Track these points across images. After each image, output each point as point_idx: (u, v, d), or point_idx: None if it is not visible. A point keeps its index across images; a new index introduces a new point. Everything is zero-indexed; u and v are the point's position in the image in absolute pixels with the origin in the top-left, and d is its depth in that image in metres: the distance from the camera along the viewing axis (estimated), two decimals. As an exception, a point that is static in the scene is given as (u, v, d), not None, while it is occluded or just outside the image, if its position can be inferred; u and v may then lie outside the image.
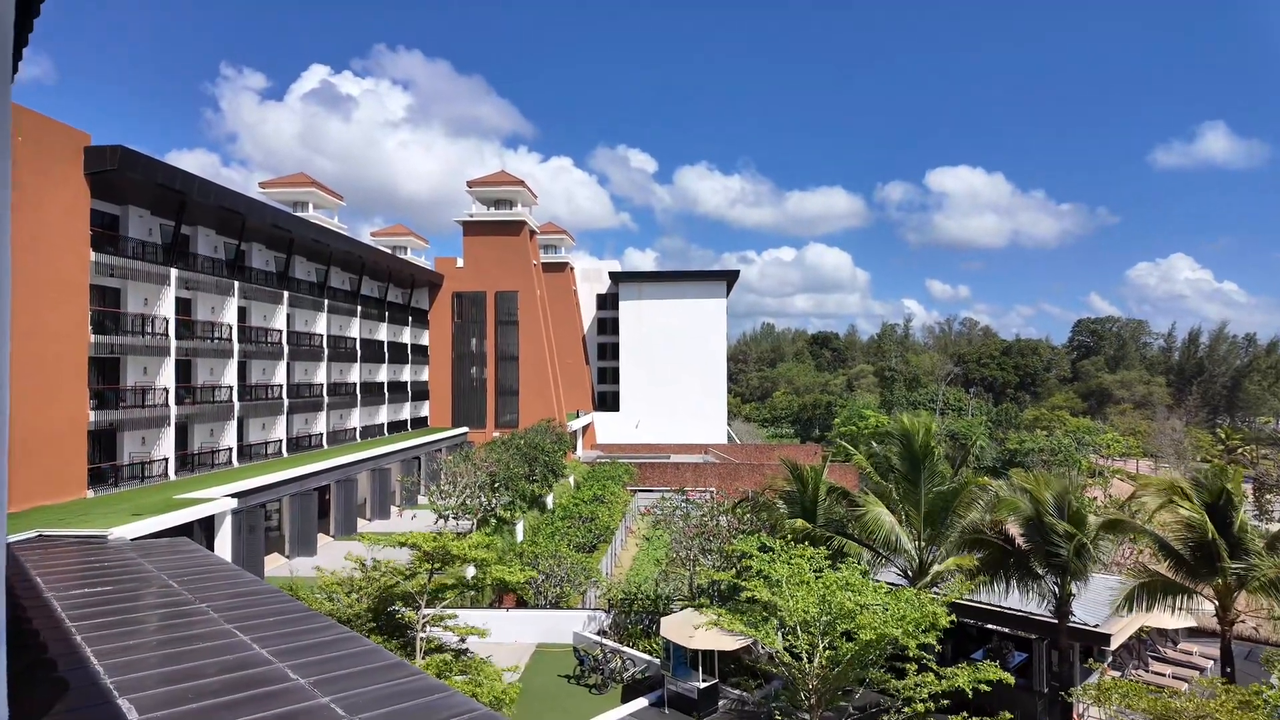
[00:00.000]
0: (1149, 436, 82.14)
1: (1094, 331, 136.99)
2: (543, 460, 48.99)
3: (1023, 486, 23.03)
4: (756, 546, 20.79)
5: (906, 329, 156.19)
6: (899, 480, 24.12)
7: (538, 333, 70.04)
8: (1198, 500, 21.90)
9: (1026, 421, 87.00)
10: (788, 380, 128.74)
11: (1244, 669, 26.06)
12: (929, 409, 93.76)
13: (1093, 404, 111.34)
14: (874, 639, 15.65)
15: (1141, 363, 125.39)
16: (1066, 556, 21.17)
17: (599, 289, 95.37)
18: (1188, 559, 21.37)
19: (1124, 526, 22.69)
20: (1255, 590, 20.23)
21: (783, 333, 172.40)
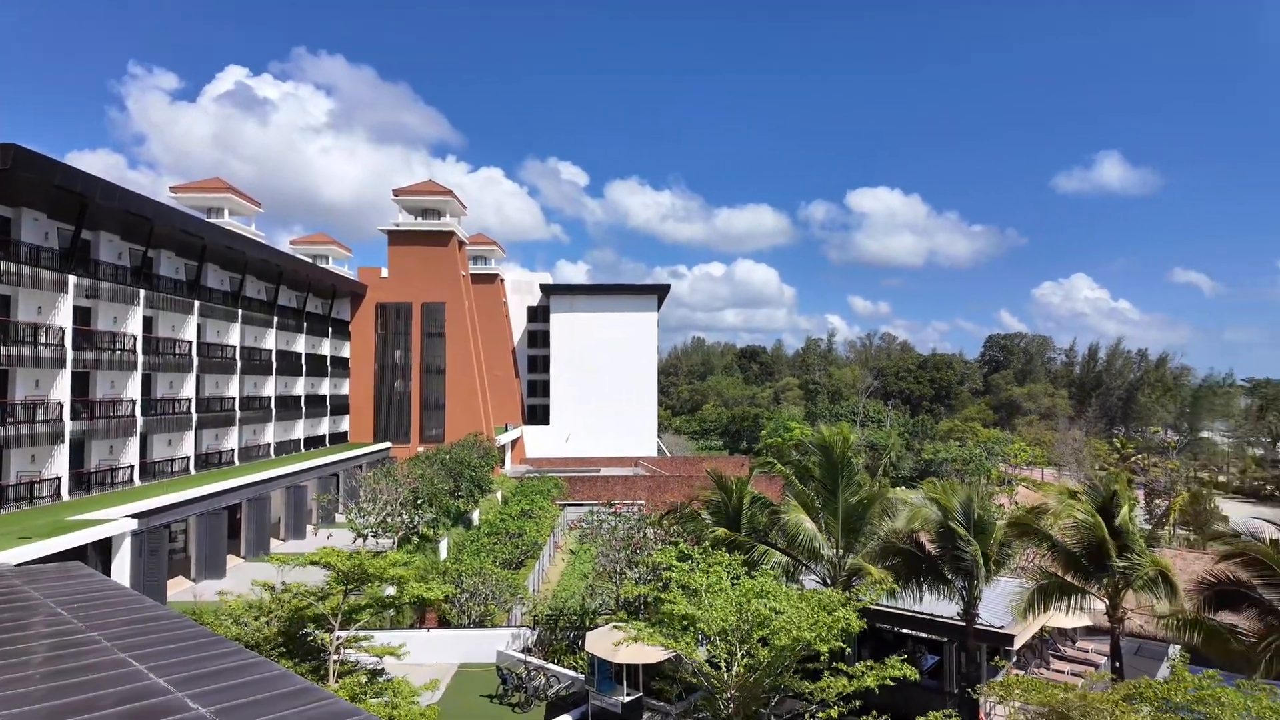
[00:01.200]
0: (1053, 446, 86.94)
1: (1004, 347, 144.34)
2: (469, 475, 48.15)
3: (931, 495, 24.03)
4: (676, 557, 21.00)
5: (830, 344, 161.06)
6: (819, 489, 24.83)
7: (466, 345, 68.98)
8: (1091, 505, 23.33)
9: (941, 432, 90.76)
10: (717, 393, 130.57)
11: (1133, 664, 27.81)
12: (850, 420, 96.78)
13: (1002, 415, 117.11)
14: (788, 644, 16.03)
15: (1046, 376, 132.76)
16: (973, 561, 22.19)
17: (530, 301, 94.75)
18: (1082, 561, 22.69)
19: (1026, 532, 23.96)
20: (1140, 588, 21.65)
21: (713, 346, 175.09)
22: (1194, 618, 20.38)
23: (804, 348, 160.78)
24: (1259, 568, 20.26)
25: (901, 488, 55.33)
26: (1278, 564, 19.53)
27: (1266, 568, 20.00)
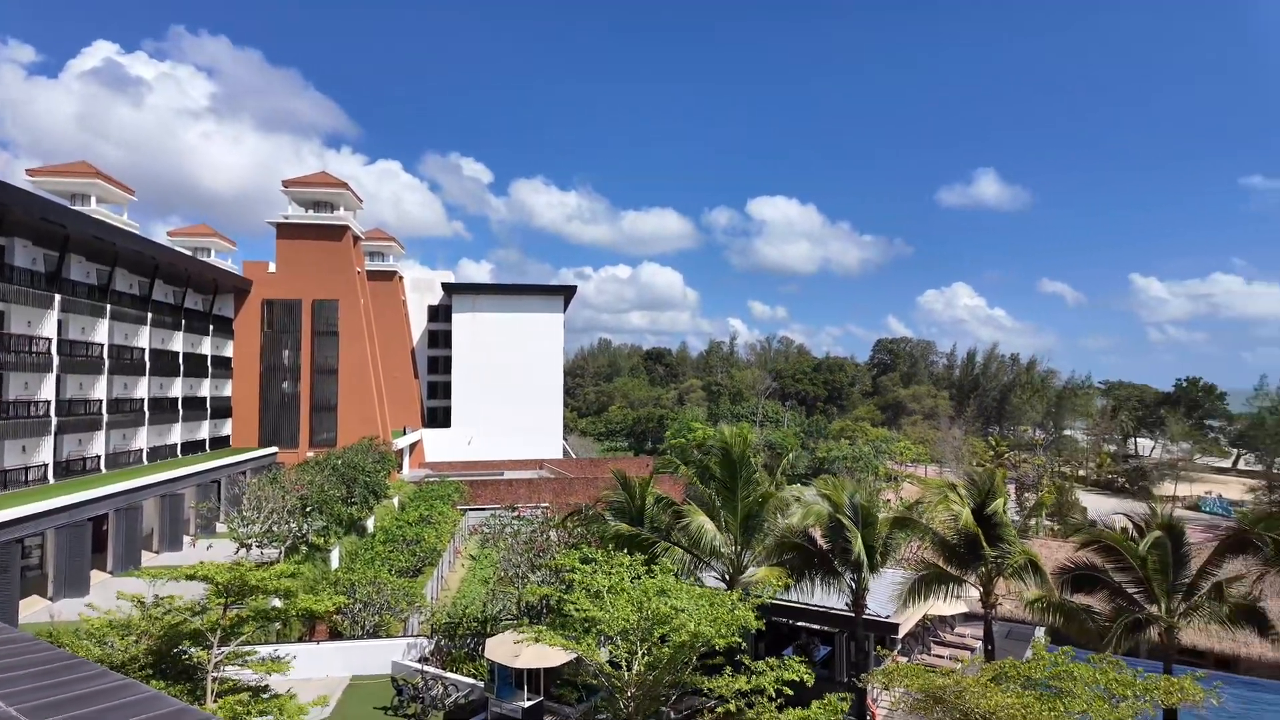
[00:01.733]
0: (935, 444, 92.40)
1: (891, 350, 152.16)
2: (363, 481, 46.30)
3: (823, 492, 25.05)
4: (579, 559, 20.97)
5: (732, 346, 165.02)
6: (719, 488, 25.37)
7: (361, 344, 66.31)
8: (968, 499, 24.97)
9: (834, 432, 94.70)
10: (623, 394, 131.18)
11: (1004, 646, 29.89)
12: (750, 421, 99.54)
13: (890, 415, 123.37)
14: (688, 641, 16.31)
15: (930, 379, 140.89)
16: (859, 553, 23.28)
17: (430, 300, 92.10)
18: (959, 551, 24.27)
19: (909, 525, 25.37)
20: (1010, 575, 23.35)
21: (619, 348, 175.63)
22: (1055, 601, 22.18)
23: (707, 350, 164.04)
24: (1111, 554, 22.30)
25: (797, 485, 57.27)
26: (1127, 550, 21.55)
27: (1117, 554, 22.03)
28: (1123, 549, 21.38)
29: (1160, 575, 20.90)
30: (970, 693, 13.34)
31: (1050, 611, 22.22)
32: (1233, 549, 21.11)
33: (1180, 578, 20.99)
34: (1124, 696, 13.75)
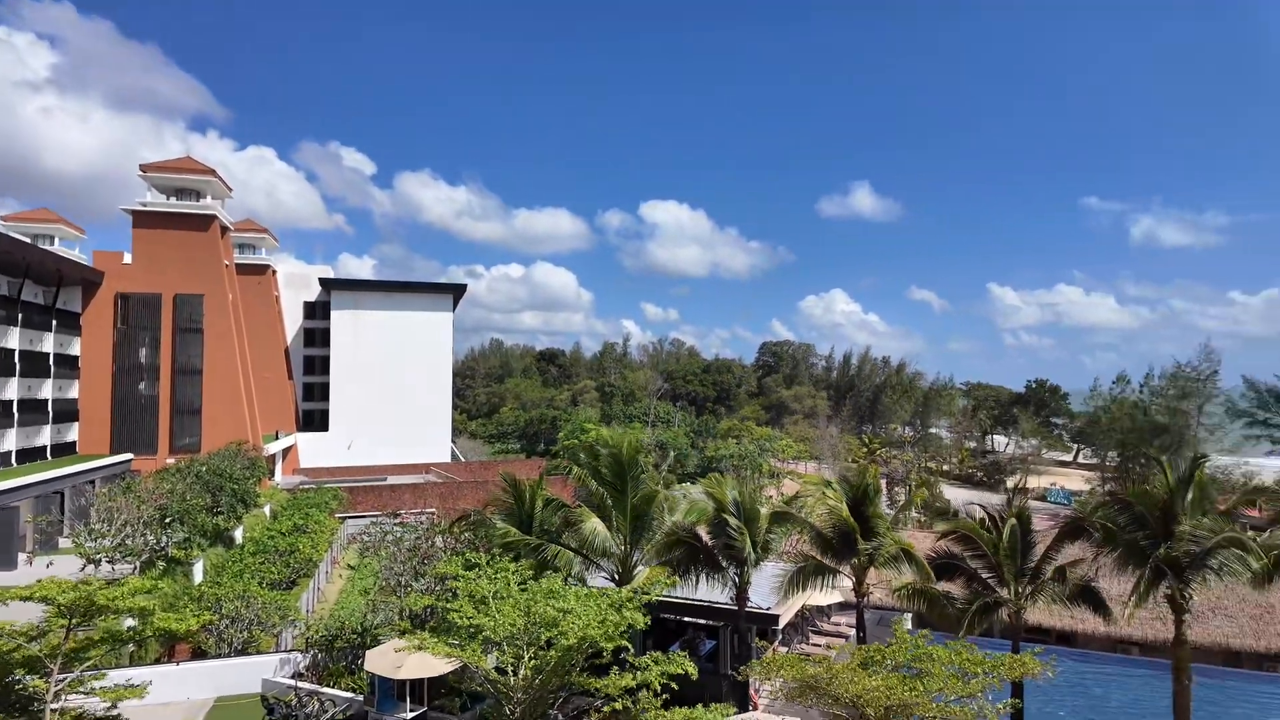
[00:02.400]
0: (814, 442, 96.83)
1: (775, 353, 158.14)
2: (230, 489, 43.36)
3: (709, 490, 25.76)
4: (462, 565, 20.57)
5: (625, 347, 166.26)
6: (609, 489, 25.55)
7: (229, 343, 62.04)
8: (843, 493, 26.35)
9: (722, 431, 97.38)
10: (515, 396, 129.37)
11: (875, 632, 31.72)
12: (642, 421, 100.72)
13: (774, 415, 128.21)
14: (576, 643, 16.35)
15: (810, 380, 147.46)
16: (741, 547, 24.09)
17: (307, 296, 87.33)
18: (834, 543, 25.57)
19: (789, 519, 26.48)
20: (881, 565, 24.83)
21: (511, 348, 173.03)
22: (920, 587, 23.79)
23: (601, 351, 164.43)
24: (968, 542, 24.17)
25: (687, 484, 58.62)
26: (981, 539, 23.42)
27: (974, 542, 23.90)
28: (978, 538, 23.22)
29: (1010, 561, 22.85)
30: (840, 679, 14.16)
31: (915, 598, 23.81)
32: (1071, 535, 23.38)
33: (1027, 562, 23.03)
34: (975, 674, 15.01)
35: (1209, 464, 37.62)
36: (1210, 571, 20.63)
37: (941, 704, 14.19)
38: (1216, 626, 33.73)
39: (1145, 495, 21.60)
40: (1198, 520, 20.94)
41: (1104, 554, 22.72)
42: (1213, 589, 31.40)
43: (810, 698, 15.56)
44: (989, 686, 15.16)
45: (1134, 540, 21.08)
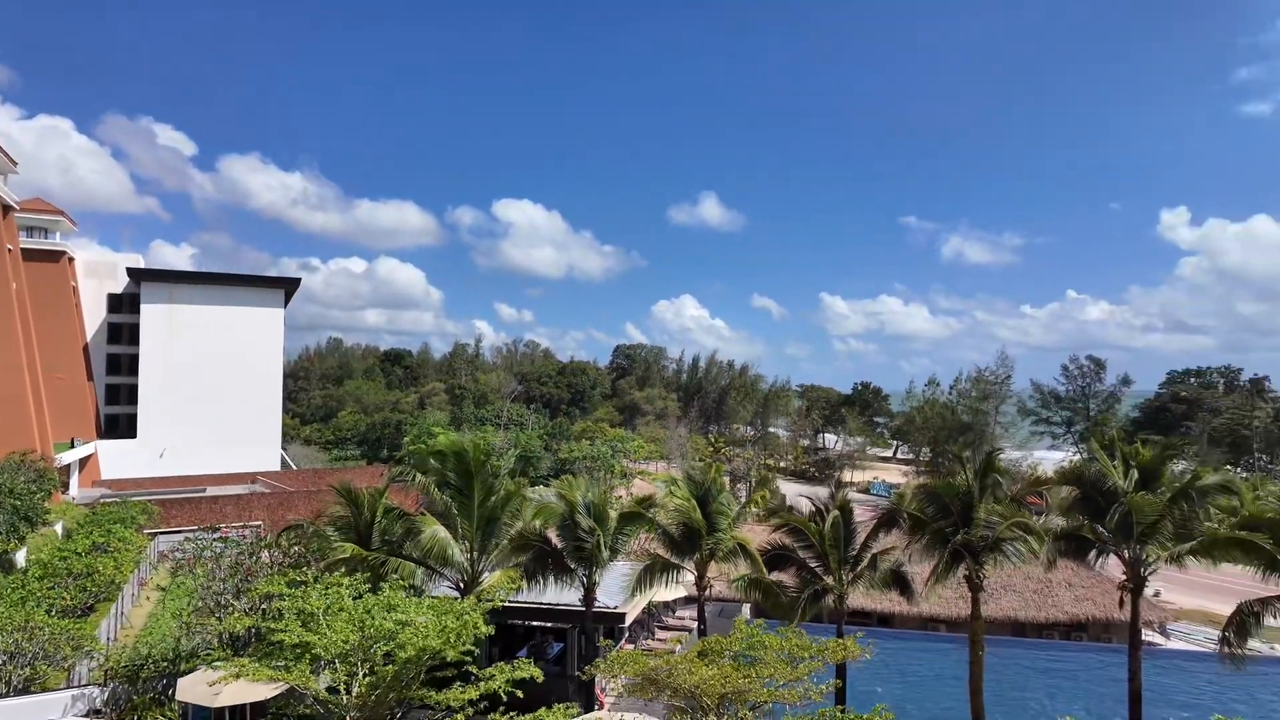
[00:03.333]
0: (665, 442, 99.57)
1: (628, 355, 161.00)
2: (10, 505, 37.86)
3: (560, 491, 25.80)
4: (288, 582, 19.27)
5: (477, 348, 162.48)
6: (455, 495, 24.87)
7: (11, 338, 54.10)
8: (690, 491, 27.28)
9: (576, 433, 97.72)
10: (356, 398, 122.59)
11: (716, 624, 33.12)
12: (494, 424, 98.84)
13: (627, 416, 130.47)
14: (414, 655, 15.78)
15: (661, 382, 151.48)
16: (591, 549, 24.34)
17: (112, 287, 78.03)
18: (680, 539, 26.43)
19: (638, 518, 27.06)
20: (721, 559, 25.96)
21: (352, 348, 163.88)
22: (755, 578, 25.10)
23: (451, 352, 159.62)
24: (799, 534, 25.79)
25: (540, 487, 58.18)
26: (810, 530, 25.08)
27: (803, 534, 25.54)
28: (806, 530, 24.87)
29: (834, 550, 24.65)
30: (679, 671, 14.69)
31: (752, 589, 25.10)
32: (887, 524, 25.58)
33: (849, 551, 24.95)
34: (803, 658, 16.12)
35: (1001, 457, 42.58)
36: (1001, 554, 23.34)
37: (772, 688, 15.10)
38: (1007, 602, 38.27)
39: (948, 486, 24.09)
40: (991, 508, 23.64)
41: (915, 541, 25.06)
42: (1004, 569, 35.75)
43: (652, 691, 16.00)
44: (815, 670, 16.31)
45: (939, 528, 23.47)
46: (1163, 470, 23.38)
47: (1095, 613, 36.94)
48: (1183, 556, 22.97)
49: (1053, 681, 32.33)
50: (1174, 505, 22.42)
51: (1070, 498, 24.60)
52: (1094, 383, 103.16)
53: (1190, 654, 35.94)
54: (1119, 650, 28.39)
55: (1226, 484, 24.13)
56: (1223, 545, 22.15)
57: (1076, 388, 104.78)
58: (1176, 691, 30.54)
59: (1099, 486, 23.31)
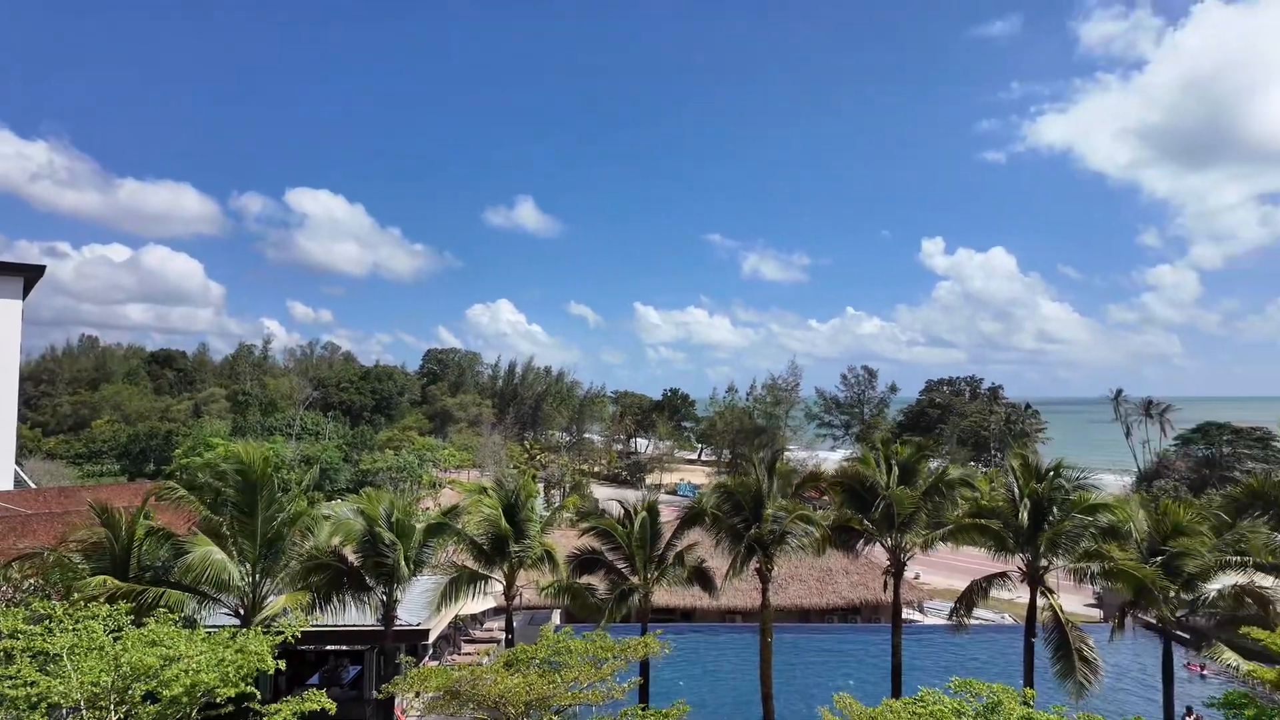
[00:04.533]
0: (477, 450, 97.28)
1: (440, 360, 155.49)
2: None
3: (358, 505, 24.36)
4: (24, 619, 16.46)
5: (266, 350, 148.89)
6: (235, 513, 22.61)
7: None
8: (499, 499, 26.88)
9: (381, 442, 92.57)
10: (116, 406, 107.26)
11: (527, 633, 32.89)
12: (285, 434, 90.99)
13: (438, 423, 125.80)
14: (182, 695, 14.10)
15: (475, 388, 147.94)
16: (394, 564, 23.21)
17: None
18: (488, 549, 25.95)
19: (445, 530, 26.20)
20: (529, 566, 25.86)
21: (111, 348, 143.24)
22: (565, 584, 25.30)
23: (235, 354, 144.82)
24: (607, 537, 26.37)
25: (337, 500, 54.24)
26: (617, 532, 25.74)
27: (612, 536, 26.15)
28: (614, 532, 25.51)
29: (641, 550, 25.50)
30: (482, 682, 14.44)
31: (561, 594, 25.26)
32: (689, 522, 26.87)
33: (654, 550, 25.92)
34: (606, 659, 16.50)
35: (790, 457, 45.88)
36: (788, 545, 25.42)
37: (576, 691, 15.31)
38: (794, 591, 41.72)
39: (742, 485, 25.85)
40: (779, 503, 25.70)
41: (715, 537, 26.59)
42: (793, 560, 38.97)
43: (455, 705, 15.57)
44: (619, 669, 16.76)
45: (734, 524, 25.11)
46: (918, 467, 26.75)
47: (868, 596, 41.32)
48: (934, 542, 26.46)
49: (833, 661, 35.73)
50: (927, 497, 25.73)
51: (843, 493, 27.41)
52: (867, 390, 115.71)
53: (944, 628, 41.39)
54: (886, 629, 32.03)
55: (967, 478, 28.18)
56: (965, 530, 25.81)
57: (853, 394, 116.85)
58: (933, 661, 34.98)
59: (865, 483, 26.20)
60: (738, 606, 39.52)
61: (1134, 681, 32.69)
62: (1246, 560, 25.25)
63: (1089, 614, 45.09)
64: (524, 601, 37.73)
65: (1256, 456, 73.90)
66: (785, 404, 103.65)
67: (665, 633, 20.68)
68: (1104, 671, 24.15)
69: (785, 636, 37.37)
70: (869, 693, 25.14)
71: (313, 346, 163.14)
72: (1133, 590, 22.94)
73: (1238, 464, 73.67)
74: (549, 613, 36.56)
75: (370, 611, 24.34)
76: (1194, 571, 23.70)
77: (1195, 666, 32.75)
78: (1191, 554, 23.38)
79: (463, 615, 33.67)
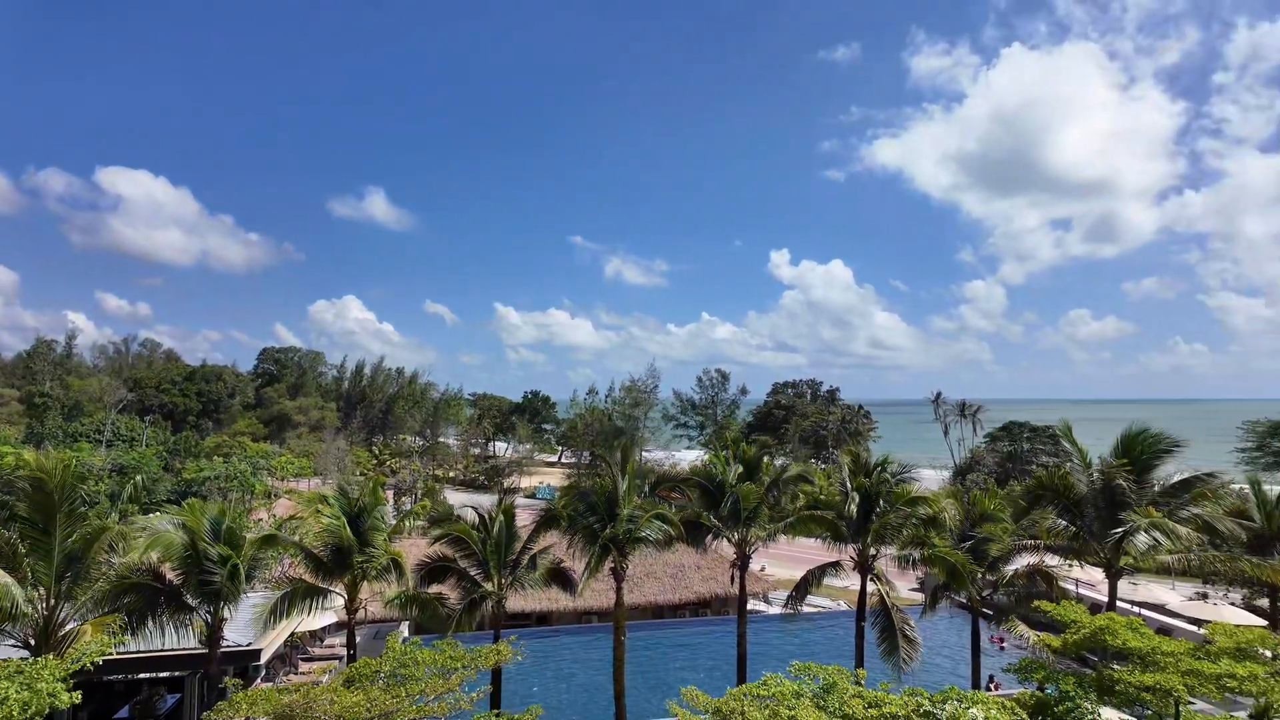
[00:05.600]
0: (320, 456, 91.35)
1: (278, 360, 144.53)
2: None
3: (179, 518, 22.18)
4: None
5: (70, 347, 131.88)
6: (26, 530, 19.88)
7: None
8: (340, 508, 25.39)
9: (208, 449, 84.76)
10: None
11: (373, 646, 31.32)
12: (94, 440, 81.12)
13: (274, 429, 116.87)
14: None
15: (318, 390, 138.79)
16: (221, 581, 21.32)
17: None
18: (327, 561, 24.44)
19: (279, 542, 24.40)
20: (374, 578, 24.62)
21: None
22: (413, 594, 24.32)
23: (31, 351, 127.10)
24: (460, 543, 25.64)
25: (156, 514, 48.97)
26: (470, 538, 25.10)
27: (465, 543, 25.46)
28: (468, 538, 24.86)
29: (495, 555, 25.02)
30: (319, 702, 13.55)
31: (409, 605, 24.25)
32: (546, 525, 26.70)
33: (509, 555, 25.52)
34: (455, 669, 16.01)
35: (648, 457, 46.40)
36: (644, 543, 25.88)
37: (423, 704, 14.73)
38: (650, 588, 42.55)
39: (598, 486, 26.03)
40: (634, 502, 26.12)
41: (571, 539, 26.57)
42: (648, 558, 39.73)
43: (287, 731, 14.48)
44: (469, 678, 16.32)
45: (589, 524, 25.23)
46: (763, 464, 28.16)
47: (718, 590, 42.90)
48: (776, 534, 27.95)
49: (686, 654, 36.79)
50: (769, 492, 27.14)
51: (695, 490, 28.35)
52: (720, 392, 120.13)
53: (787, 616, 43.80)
54: (735, 621, 33.42)
55: (805, 474, 30.00)
56: (803, 522, 27.47)
57: (707, 396, 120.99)
58: (777, 648, 36.88)
59: (714, 480, 27.24)
60: (594, 607, 39.74)
61: (948, 657, 36.16)
62: (1038, 543, 28.70)
63: (914, 598, 49.35)
64: (370, 615, 35.90)
65: (1049, 452, 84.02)
66: (644, 406, 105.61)
67: (520, 638, 20.37)
68: (924, 648, 26.57)
69: (640, 634, 38.09)
70: (719, 683, 26.19)
71: (128, 343, 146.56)
72: (946, 573, 25.36)
73: (1034, 459, 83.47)
74: (397, 625, 35.04)
75: (194, 634, 22.19)
76: (997, 555, 26.64)
77: (997, 639, 36.73)
78: (995, 539, 26.25)
79: (301, 633, 31.50)
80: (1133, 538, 25.49)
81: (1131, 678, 16.27)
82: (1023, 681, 20.16)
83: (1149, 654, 16.91)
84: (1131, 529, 25.53)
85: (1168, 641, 17.64)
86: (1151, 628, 24.87)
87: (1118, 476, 26.72)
